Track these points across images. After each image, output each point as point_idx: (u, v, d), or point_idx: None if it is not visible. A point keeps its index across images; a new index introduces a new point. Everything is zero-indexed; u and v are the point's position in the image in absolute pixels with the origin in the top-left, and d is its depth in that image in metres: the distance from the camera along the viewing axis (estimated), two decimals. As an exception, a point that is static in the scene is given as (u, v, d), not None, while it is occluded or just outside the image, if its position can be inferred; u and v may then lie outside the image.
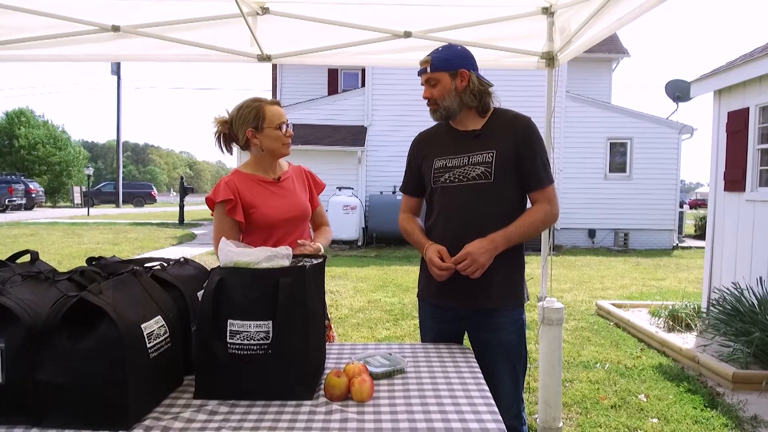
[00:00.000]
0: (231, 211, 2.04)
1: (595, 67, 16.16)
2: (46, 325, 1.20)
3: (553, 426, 2.99)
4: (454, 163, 1.93)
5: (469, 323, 1.99)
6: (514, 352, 1.97)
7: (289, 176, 2.23)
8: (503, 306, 1.93)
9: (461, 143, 1.95)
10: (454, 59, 1.90)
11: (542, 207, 1.91)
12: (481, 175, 1.88)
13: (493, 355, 1.91)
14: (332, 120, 13.82)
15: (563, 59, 2.80)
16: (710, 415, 3.33)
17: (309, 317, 1.43)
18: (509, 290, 1.94)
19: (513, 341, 1.96)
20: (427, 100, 1.95)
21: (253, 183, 2.12)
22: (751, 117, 5.23)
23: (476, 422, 1.28)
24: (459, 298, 1.92)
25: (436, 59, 1.90)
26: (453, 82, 1.90)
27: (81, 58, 2.89)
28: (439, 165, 1.96)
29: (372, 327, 5.45)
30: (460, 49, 1.95)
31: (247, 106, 2.10)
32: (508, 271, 1.93)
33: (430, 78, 1.91)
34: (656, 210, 13.73)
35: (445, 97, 1.90)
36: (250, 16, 2.68)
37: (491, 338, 1.94)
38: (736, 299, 4.53)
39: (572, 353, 4.64)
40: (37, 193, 25.67)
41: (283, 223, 2.13)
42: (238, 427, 1.23)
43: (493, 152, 1.88)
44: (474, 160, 1.90)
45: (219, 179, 2.15)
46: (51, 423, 1.21)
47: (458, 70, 1.89)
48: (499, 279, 1.90)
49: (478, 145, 1.92)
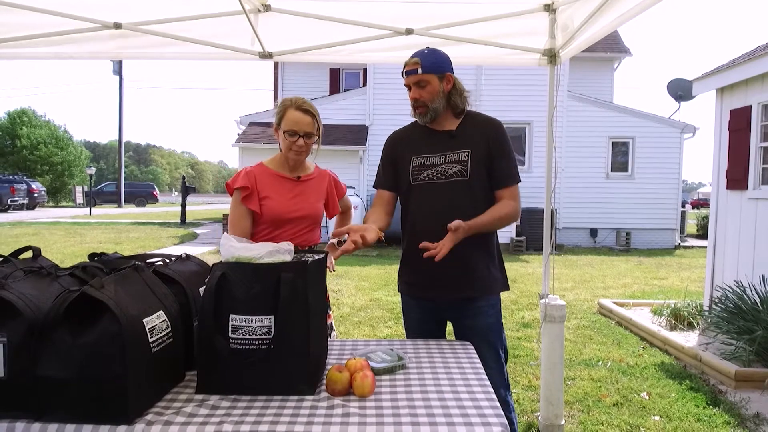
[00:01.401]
0: (246, 199, 2.11)
1: (597, 66, 16.14)
2: (48, 319, 1.20)
3: (555, 423, 2.98)
4: (432, 161, 2.03)
5: (451, 312, 2.08)
6: (495, 334, 2.07)
7: (312, 178, 2.28)
8: (483, 294, 2.04)
9: (438, 142, 2.04)
10: (441, 63, 1.98)
11: (508, 203, 2.01)
12: (458, 173, 1.99)
13: (477, 340, 1.97)
14: (334, 119, 13.81)
15: (565, 56, 2.79)
16: (712, 413, 3.32)
17: (310, 312, 1.43)
18: (486, 279, 2.05)
19: (493, 324, 2.07)
20: (415, 101, 2.00)
21: (271, 178, 2.18)
22: (753, 115, 5.22)
23: (478, 416, 1.28)
24: (441, 290, 2.02)
25: (426, 61, 1.95)
26: (441, 84, 1.98)
27: (83, 55, 2.89)
28: (417, 163, 2.05)
29: (374, 325, 5.45)
30: (443, 53, 2.02)
31: (281, 103, 2.17)
32: (485, 262, 2.05)
33: (420, 80, 1.96)
34: (658, 209, 13.70)
35: (434, 99, 1.98)
36: (251, 13, 2.67)
37: (474, 323, 2.04)
38: (739, 297, 4.51)
39: (574, 351, 4.63)
40: (39, 193, 25.69)
41: (292, 221, 2.18)
42: (239, 422, 1.23)
43: (469, 152, 1.99)
44: (450, 158, 2.00)
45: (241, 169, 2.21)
46: (53, 417, 1.21)
47: (445, 74, 1.99)
48: (477, 269, 2.02)
49: (455, 144, 2.02)
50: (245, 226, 2.12)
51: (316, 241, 2.27)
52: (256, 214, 2.13)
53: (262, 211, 2.13)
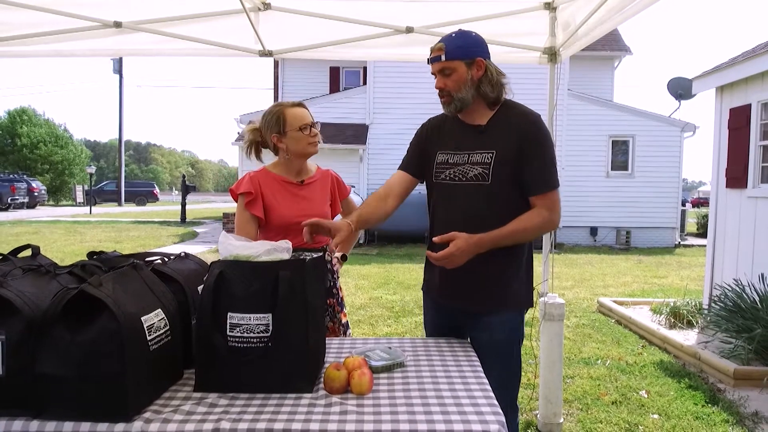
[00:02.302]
0: (249, 204, 2.10)
1: (598, 65, 16.12)
2: (47, 317, 1.20)
3: (553, 421, 2.99)
4: (455, 160, 1.85)
5: (462, 321, 1.95)
6: (502, 353, 1.86)
7: (315, 180, 2.25)
8: (495, 309, 1.85)
9: (465, 139, 1.86)
10: (470, 47, 1.76)
11: (540, 213, 1.78)
12: (478, 176, 1.80)
13: (481, 354, 1.79)
14: (334, 118, 13.80)
15: (565, 54, 2.79)
16: (711, 411, 3.32)
17: (308, 310, 1.43)
18: (503, 295, 1.85)
19: (501, 341, 1.86)
20: (440, 91, 1.81)
21: (276, 183, 2.16)
22: (753, 113, 5.22)
23: (475, 414, 1.29)
24: (453, 298, 1.90)
25: (451, 46, 1.75)
26: (469, 71, 1.77)
27: (83, 52, 2.90)
28: (441, 160, 1.88)
29: (373, 324, 5.45)
30: (475, 35, 1.80)
31: (270, 113, 2.14)
32: (507, 275, 1.85)
33: (444, 67, 1.76)
34: (658, 208, 13.70)
35: (460, 88, 1.77)
36: (252, 11, 2.68)
37: (479, 336, 1.88)
38: (738, 296, 4.52)
39: (573, 350, 4.63)
40: (39, 191, 25.68)
41: (298, 226, 2.14)
42: (237, 420, 1.23)
43: (493, 152, 1.79)
44: (474, 159, 1.81)
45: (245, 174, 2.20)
46: (51, 415, 1.21)
47: (475, 59, 1.76)
48: (494, 283, 1.84)
49: (481, 143, 1.82)
50: (250, 231, 2.10)
51: (326, 241, 2.25)
52: (261, 220, 2.12)
53: (270, 218, 2.12)
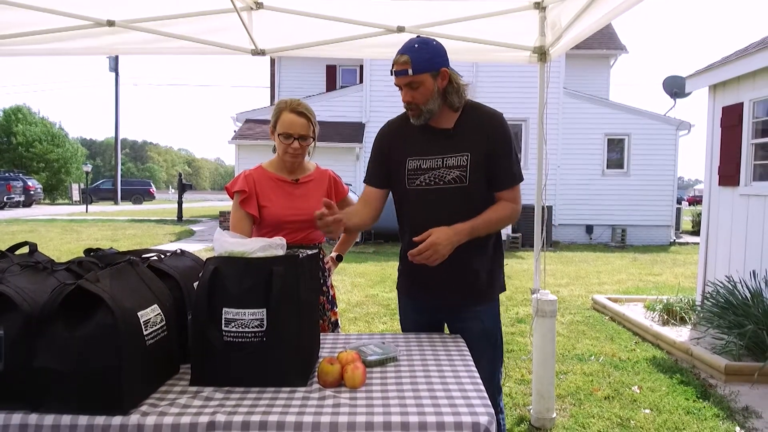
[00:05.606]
0: (244, 202, 2.13)
1: (593, 63, 16.16)
2: (44, 312, 1.23)
3: (546, 417, 3.02)
4: (428, 164, 1.87)
5: (448, 314, 2.02)
6: (491, 338, 2.00)
7: (311, 179, 2.26)
8: (479, 299, 1.96)
9: (434, 143, 1.88)
10: (434, 57, 1.77)
11: (506, 206, 1.89)
12: (457, 179, 1.84)
13: (473, 343, 1.87)
14: (330, 116, 13.82)
15: (555, 54, 2.82)
16: (702, 406, 3.36)
17: (302, 306, 1.46)
18: (490, 284, 1.97)
19: (490, 327, 1.99)
20: (407, 104, 1.82)
21: (270, 181, 2.18)
22: (745, 112, 5.26)
23: (466, 406, 1.31)
24: (436, 293, 1.95)
25: (417, 60, 1.75)
26: (435, 83, 1.79)
27: (77, 51, 2.91)
28: (413, 166, 1.89)
29: (369, 321, 5.48)
30: (436, 44, 1.81)
31: (276, 105, 2.16)
32: (490, 266, 1.97)
33: (412, 81, 1.77)
34: (654, 206, 13.77)
35: (428, 101, 1.80)
36: (243, 11, 2.70)
37: (472, 326, 1.95)
38: (730, 292, 4.57)
39: (567, 346, 4.67)
40: (35, 190, 25.62)
41: (292, 224, 2.17)
42: (232, 413, 1.26)
43: (468, 155, 1.84)
44: (449, 162, 1.85)
45: (240, 172, 2.22)
46: (49, 409, 1.23)
47: (440, 70, 1.79)
48: (482, 275, 1.94)
49: (452, 146, 1.86)
50: (245, 229, 2.12)
51: (320, 239, 2.27)
52: (256, 217, 2.14)
53: (263, 215, 2.14)
